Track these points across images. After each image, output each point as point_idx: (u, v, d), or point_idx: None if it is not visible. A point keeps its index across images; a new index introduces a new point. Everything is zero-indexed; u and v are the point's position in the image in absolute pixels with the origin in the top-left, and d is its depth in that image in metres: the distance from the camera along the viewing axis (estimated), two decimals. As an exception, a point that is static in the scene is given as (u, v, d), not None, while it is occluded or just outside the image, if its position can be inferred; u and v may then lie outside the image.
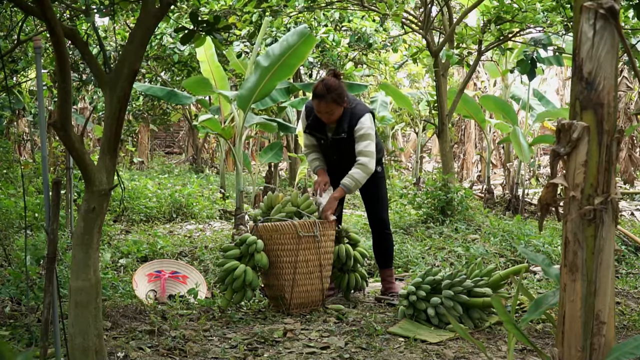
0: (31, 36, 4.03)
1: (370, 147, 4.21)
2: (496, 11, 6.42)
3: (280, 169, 14.05)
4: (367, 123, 4.23)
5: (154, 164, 16.86)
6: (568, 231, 1.88)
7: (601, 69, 1.83)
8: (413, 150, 19.24)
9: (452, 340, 3.46)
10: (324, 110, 4.23)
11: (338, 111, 4.24)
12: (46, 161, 2.80)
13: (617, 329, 3.60)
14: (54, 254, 2.55)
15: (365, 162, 4.18)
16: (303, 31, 6.08)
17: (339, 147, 4.36)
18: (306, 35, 5.98)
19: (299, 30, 6.13)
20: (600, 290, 1.84)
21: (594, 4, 1.83)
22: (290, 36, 6.07)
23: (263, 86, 6.32)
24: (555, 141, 1.92)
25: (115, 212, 7.89)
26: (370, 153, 4.20)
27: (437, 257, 5.74)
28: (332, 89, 4.18)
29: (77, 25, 4.74)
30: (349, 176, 4.20)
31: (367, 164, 4.18)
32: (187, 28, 2.86)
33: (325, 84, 4.20)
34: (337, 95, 4.19)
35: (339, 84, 4.22)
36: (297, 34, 6.04)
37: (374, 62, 12.53)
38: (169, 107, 15.06)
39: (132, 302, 4.10)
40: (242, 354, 3.19)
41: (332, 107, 4.20)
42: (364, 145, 4.21)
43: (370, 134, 4.24)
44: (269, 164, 10.68)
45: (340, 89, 4.21)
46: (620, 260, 5.66)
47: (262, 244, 4.01)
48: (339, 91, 4.20)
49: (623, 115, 11.93)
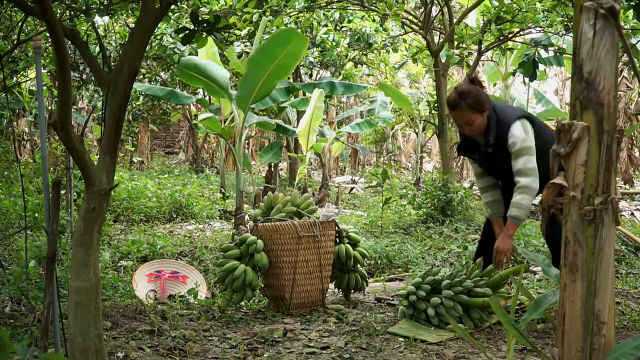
0: (31, 36, 4.03)
1: (530, 164, 3.52)
2: (496, 11, 6.42)
3: (280, 169, 14.05)
4: (519, 133, 3.55)
5: (153, 164, 16.86)
6: (568, 231, 1.88)
7: (601, 69, 1.83)
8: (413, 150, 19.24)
9: (452, 340, 3.46)
10: (462, 122, 3.65)
11: (479, 120, 3.63)
12: (46, 161, 2.80)
13: (617, 329, 3.60)
14: (54, 254, 2.55)
15: (527, 184, 3.51)
16: (290, 31, 6.07)
17: (493, 166, 3.78)
18: (295, 36, 5.96)
19: (286, 30, 6.13)
20: (600, 290, 1.84)
21: (594, 4, 1.83)
22: (278, 34, 6.05)
23: (261, 86, 6.32)
24: (555, 141, 1.92)
25: (115, 212, 7.89)
26: (531, 171, 3.52)
27: (437, 257, 5.74)
28: (466, 94, 3.61)
29: (77, 25, 4.74)
30: (514, 205, 3.56)
31: (529, 185, 3.51)
32: (187, 28, 2.86)
33: (458, 91, 3.66)
34: (474, 101, 3.60)
35: (475, 88, 3.65)
36: (285, 32, 6.02)
37: (374, 62, 12.54)
38: (169, 107, 15.07)
39: (132, 302, 4.10)
40: (242, 354, 3.19)
41: (469, 116, 3.61)
42: (522, 163, 3.53)
43: (526, 147, 3.53)
44: (269, 164, 10.68)
45: (477, 93, 3.62)
46: (620, 260, 5.65)
47: (262, 244, 4.01)
48: (475, 95, 3.61)
49: (623, 115, 11.93)
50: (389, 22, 9.71)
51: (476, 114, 3.61)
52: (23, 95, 9.51)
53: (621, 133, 1.86)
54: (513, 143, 3.54)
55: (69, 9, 4.35)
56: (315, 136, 9.95)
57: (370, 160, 20.89)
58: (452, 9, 8.73)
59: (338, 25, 9.91)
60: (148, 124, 16.60)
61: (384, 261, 5.63)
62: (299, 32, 6.38)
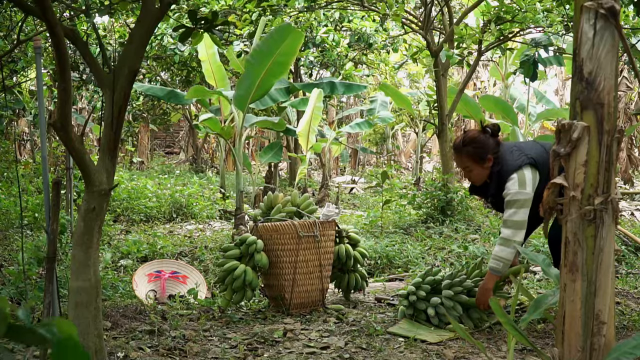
0: (31, 36, 4.03)
1: (516, 216, 3.42)
2: (496, 11, 6.42)
3: (280, 169, 14.05)
4: (513, 187, 3.44)
5: (153, 164, 16.86)
6: (568, 231, 1.88)
7: (601, 69, 1.83)
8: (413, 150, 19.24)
9: (452, 340, 3.46)
10: (461, 167, 3.63)
11: (477, 170, 3.57)
12: (46, 161, 2.80)
13: (617, 329, 3.60)
14: (54, 254, 2.55)
15: (507, 236, 3.43)
16: (287, 27, 6.05)
17: None
18: (291, 31, 5.95)
19: (282, 27, 6.10)
20: (600, 290, 1.84)
21: (594, 4, 1.83)
22: (274, 32, 6.04)
23: (259, 85, 6.31)
24: (555, 141, 1.92)
25: (115, 212, 7.90)
26: (515, 224, 3.43)
27: (437, 257, 5.74)
28: (469, 142, 3.54)
29: (77, 25, 4.74)
30: (493, 257, 3.51)
31: (509, 238, 3.43)
32: (186, 26, 2.86)
33: (465, 135, 3.59)
34: (474, 151, 3.53)
35: (480, 137, 3.54)
36: (281, 29, 6.01)
37: (374, 62, 12.54)
38: (169, 107, 15.08)
39: (132, 302, 4.10)
40: (242, 354, 3.19)
41: (467, 164, 3.57)
42: (508, 214, 3.44)
43: (516, 200, 3.42)
44: (269, 164, 10.68)
45: (480, 143, 3.52)
46: (620, 260, 5.65)
47: (262, 244, 4.01)
48: (478, 146, 3.52)
49: (623, 115, 11.93)
50: (389, 22, 9.71)
51: (475, 164, 3.55)
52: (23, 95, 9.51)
53: (621, 133, 1.86)
54: (506, 194, 3.46)
55: (69, 9, 4.35)
56: (315, 136, 9.96)
57: (370, 160, 20.89)
58: (452, 9, 8.74)
59: (338, 25, 9.92)
60: (148, 124, 16.61)
61: (384, 261, 5.63)
62: (294, 27, 6.35)
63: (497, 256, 3.47)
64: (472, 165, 3.56)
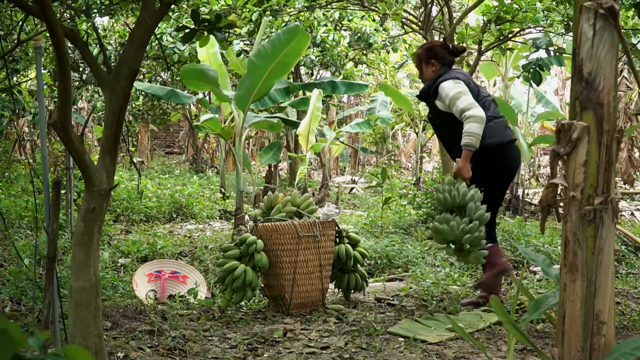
0: (31, 36, 4.03)
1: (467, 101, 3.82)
2: (496, 11, 6.42)
3: (280, 169, 14.04)
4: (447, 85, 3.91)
5: (154, 164, 16.86)
6: (568, 231, 1.88)
7: (601, 69, 1.83)
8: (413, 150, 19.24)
9: (452, 340, 3.46)
10: (416, 66, 4.25)
11: (426, 71, 4.12)
12: (46, 161, 2.79)
13: (617, 329, 3.60)
14: (54, 254, 2.55)
15: (472, 113, 3.79)
16: (295, 29, 6.03)
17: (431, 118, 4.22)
18: (299, 33, 5.93)
19: (291, 28, 6.08)
20: (600, 290, 1.84)
21: (593, 4, 1.83)
22: (282, 33, 6.02)
23: (260, 86, 6.30)
24: (555, 141, 1.92)
25: (115, 212, 7.89)
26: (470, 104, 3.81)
27: (437, 257, 5.74)
28: (425, 46, 4.22)
29: (77, 25, 4.74)
30: (464, 134, 3.81)
31: (474, 114, 3.79)
32: (188, 27, 2.86)
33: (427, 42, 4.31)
34: (423, 52, 4.13)
35: (436, 45, 4.16)
36: (289, 31, 5.99)
37: (374, 62, 12.54)
38: (169, 107, 15.06)
39: (132, 302, 4.10)
40: (242, 354, 3.19)
41: (417, 63, 4.19)
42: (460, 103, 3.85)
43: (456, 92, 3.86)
44: (269, 164, 10.67)
45: (431, 49, 4.13)
46: (620, 260, 5.65)
47: (262, 244, 4.00)
48: (427, 48, 4.14)
49: (623, 115, 11.93)
50: (389, 22, 9.71)
51: (422, 65, 4.11)
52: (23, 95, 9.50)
53: (621, 133, 1.86)
54: (446, 95, 3.90)
55: (69, 9, 4.35)
56: (315, 136, 9.95)
57: (370, 160, 20.88)
58: (452, 9, 8.73)
59: (338, 25, 9.91)
60: (148, 124, 16.60)
61: (384, 261, 5.63)
62: (302, 30, 6.33)
63: (467, 132, 3.80)
64: (420, 65, 4.12)
